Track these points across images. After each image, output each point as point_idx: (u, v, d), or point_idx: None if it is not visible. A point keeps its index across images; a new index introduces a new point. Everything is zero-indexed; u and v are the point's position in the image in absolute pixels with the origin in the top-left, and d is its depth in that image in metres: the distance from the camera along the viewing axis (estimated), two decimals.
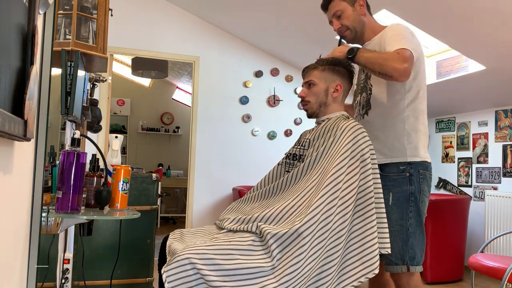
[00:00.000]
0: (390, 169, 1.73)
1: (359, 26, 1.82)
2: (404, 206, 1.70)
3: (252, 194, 1.73)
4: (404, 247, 1.68)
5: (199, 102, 4.63)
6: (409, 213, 1.69)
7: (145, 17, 4.48)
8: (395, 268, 1.68)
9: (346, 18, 1.81)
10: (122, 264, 2.48)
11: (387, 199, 1.69)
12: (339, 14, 1.81)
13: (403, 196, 1.70)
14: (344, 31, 1.83)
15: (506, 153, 3.92)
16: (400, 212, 1.70)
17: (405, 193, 1.70)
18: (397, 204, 1.70)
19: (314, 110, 1.73)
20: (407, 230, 1.69)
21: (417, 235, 1.70)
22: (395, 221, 1.69)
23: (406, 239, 1.69)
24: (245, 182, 4.64)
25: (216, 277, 1.29)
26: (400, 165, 1.72)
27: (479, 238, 4.08)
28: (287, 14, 3.82)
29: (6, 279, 0.87)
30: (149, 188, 2.64)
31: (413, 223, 1.70)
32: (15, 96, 0.74)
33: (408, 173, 1.71)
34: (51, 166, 1.54)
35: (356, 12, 1.81)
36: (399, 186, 1.71)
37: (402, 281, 1.69)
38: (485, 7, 2.69)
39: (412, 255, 1.68)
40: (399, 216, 1.69)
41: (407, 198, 1.70)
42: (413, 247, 1.69)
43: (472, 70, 3.47)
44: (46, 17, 1.11)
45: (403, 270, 1.67)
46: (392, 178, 1.72)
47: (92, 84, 2.28)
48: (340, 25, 1.82)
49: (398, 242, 1.68)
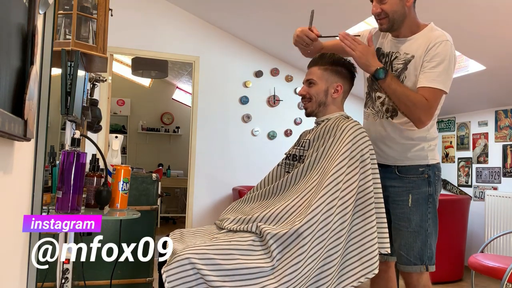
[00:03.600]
0: (409, 171, 1.72)
1: (399, 18, 1.64)
2: (423, 208, 1.70)
3: (252, 194, 1.73)
4: (423, 248, 1.69)
5: (199, 102, 4.63)
6: (428, 214, 1.70)
7: (145, 17, 4.48)
8: (413, 268, 1.69)
9: (390, 4, 1.62)
10: (122, 264, 2.47)
11: (406, 201, 1.70)
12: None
13: (422, 198, 1.70)
14: (382, 18, 1.64)
15: (506, 153, 3.92)
16: (420, 213, 1.70)
17: (424, 195, 1.70)
18: (416, 205, 1.70)
19: (313, 109, 1.73)
20: (426, 231, 1.69)
21: (433, 235, 1.71)
22: (415, 223, 1.69)
23: (425, 240, 1.69)
24: (245, 182, 4.63)
25: (216, 277, 1.29)
26: (420, 167, 1.72)
27: (479, 238, 4.08)
28: (287, 14, 3.82)
29: (6, 279, 0.87)
30: (149, 188, 2.64)
31: (431, 224, 1.70)
32: (15, 96, 0.74)
33: (427, 175, 1.71)
34: (51, 166, 1.54)
35: (403, 2, 1.63)
36: (418, 187, 1.71)
37: (413, 279, 1.70)
38: (485, 7, 2.69)
39: (430, 255, 1.69)
40: (419, 217, 1.69)
41: (426, 200, 1.70)
42: (431, 247, 1.70)
43: (472, 70, 3.47)
44: (46, 17, 1.11)
45: (422, 270, 1.68)
46: (412, 179, 1.72)
47: (92, 84, 2.28)
48: (380, 10, 1.63)
49: (417, 243, 1.69)
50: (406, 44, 1.70)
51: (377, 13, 1.64)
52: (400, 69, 1.70)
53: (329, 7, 3.46)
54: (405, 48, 1.71)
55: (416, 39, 1.69)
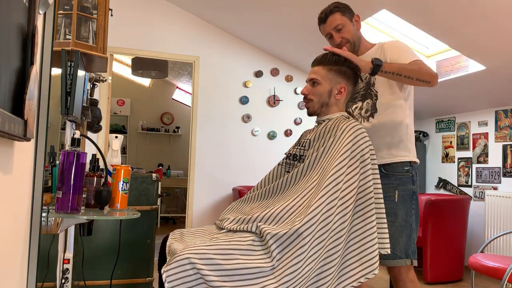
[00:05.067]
0: (395, 169, 1.85)
1: (357, 40, 1.93)
2: (408, 204, 1.82)
3: (252, 194, 1.73)
4: (408, 242, 1.80)
5: (199, 102, 4.63)
6: (412, 210, 1.83)
7: (145, 17, 4.48)
8: (399, 261, 1.78)
9: (348, 31, 1.89)
10: (122, 264, 2.48)
11: (392, 196, 1.81)
12: (340, 27, 1.88)
13: (407, 194, 1.83)
14: (344, 44, 1.89)
15: (506, 153, 3.92)
16: (405, 209, 1.81)
17: (409, 191, 1.84)
18: (402, 201, 1.82)
19: (316, 109, 1.72)
20: (410, 226, 1.81)
21: (415, 230, 1.84)
22: (401, 217, 1.81)
23: (410, 234, 1.81)
24: (245, 182, 4.64)
25: (216, 277, 1.28)
26: (405, 165, 1.85)
27: (479, 238, 4.08)
28: (287, 14, 3.82)
29: (6, 279, 0.87)
30: (149, 188, 2.64)
31: (414, 220, 1.83)
32: (15, 96, 0.74)
33: (411, 174, 1.86)
34: (51, 166, 1.54)
35: (355, 27, 1.92)
36: (404, 184, 1.83)
37: (402, 276, 1.79)
38: (485, 7, 2.69)
39: (414, 249, 1.81)
40: (404, 212, 1.81)
41: (411, 196, 1.84)
42: (414, 242, 1.82)
43: (472, 70, 3.47)
44: (46, 17, 1.11)
45: (407, 264, 1.78)
46: (398, 177, 1.84)
47: (92, 84, 2.28)
48: (341, 38, 1.89)
49: (403, 237, 1.79)
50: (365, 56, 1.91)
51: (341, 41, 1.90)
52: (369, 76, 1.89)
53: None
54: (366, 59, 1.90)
55: (371, 50, 1.94)
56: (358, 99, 1.96)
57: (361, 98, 1.95)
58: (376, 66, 1.71)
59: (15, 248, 0.93)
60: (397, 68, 1.74)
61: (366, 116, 1.92)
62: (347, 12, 1.91)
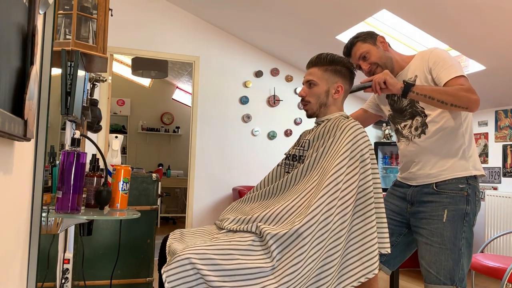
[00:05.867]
0: (448, 186, 1.73)
1: (388, 61, 1.85)
2: (458, 225, 1.69)
3: (252, 194, 1.73)
4: (455, 268, 1.66)
5: (199, 102, 4.63)
6: (462, 233, 1.69)
7: (145, 17, 4.48)
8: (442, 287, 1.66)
9: (373, 56, 1.83)
10: (122, 264, 2.48)
11: (441, 215, 1.70)
12: (364, 55, 1.84)
13: (458, 215, 1.70)
14: (374, 69, 1.84)
15: (506, 153, 3.92)
16: (454, 231, 1.69)
17: (460, 212, 1.70)
18: (451, 222, 1.69)
19: (314, 110, 1.72)
20: (459, 250, 1.68)
21: (466, 256, 1.69)
22: (448, 239, 1.68)
23: (458, 260, 1.67)
24: (245, 182, 4.64)
25: (216, 277, 1.28)
26: (460, 182, 1.72)
27: (479, 238, 4.08)
28: (287, 14, 3.82)
29: (6, 279, 0.87)
30: (149, 188, 2.64)
31: (465, 244, 1.69)
32: (15, 96, 0.74)
33: (466, 193, 1.71)
34: (51, 166, 1.54)
35: (380, 49, 1.85)
36: (455, 204, 1.71)
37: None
38: (485, 7, 2.69)
39: (462, 276, 1.67)
40: (452, 234, 1.68)
41: (462, 218, 1.70)
42: (463, 268, 1.67)
43: (472, 70, 3.47)
44: (46, 17, 1.11)
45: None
46: (450, 195, 1.72)
47: (92, 84, 2.28)
48: (369, 65, 1.84)
49: (449, 262, 1.66)
50: (404, 72, 1.85)
51: (369, 68, 1.84)
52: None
53: (329, 8, 3.46)
54: (406, 76, 1.83)
55: (411, 64, 1.84)
56: (407, 116, 1.86)
57: (409, 116, 1.85)
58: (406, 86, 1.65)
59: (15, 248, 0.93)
60: (429, 91, 1.65)
61: (417, 134, 1.83)
62: (369, 38, 1.85)
